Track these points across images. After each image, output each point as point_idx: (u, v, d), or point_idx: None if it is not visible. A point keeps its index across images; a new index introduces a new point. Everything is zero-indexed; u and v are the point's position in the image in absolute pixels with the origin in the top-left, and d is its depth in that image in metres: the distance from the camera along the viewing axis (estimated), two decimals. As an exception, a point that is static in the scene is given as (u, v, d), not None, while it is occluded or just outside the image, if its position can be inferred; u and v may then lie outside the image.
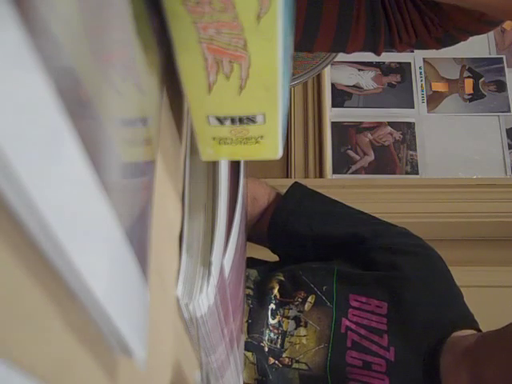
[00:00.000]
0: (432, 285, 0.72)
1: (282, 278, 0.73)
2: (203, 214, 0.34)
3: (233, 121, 0.27)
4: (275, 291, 0.72)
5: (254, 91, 0.25)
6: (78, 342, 0.17)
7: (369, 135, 1.82)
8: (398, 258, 0.73)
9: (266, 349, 0.68)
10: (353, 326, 0.68)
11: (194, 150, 0.35)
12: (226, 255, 0.36)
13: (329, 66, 1.56)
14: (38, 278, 0.14)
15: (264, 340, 0.68)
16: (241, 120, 0.27)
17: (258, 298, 0.72)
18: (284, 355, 0.67)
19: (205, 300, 0.31)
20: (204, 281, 0.31)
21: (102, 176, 0.16)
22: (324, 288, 0.71)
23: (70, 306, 0.16)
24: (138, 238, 0.21)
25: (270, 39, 0.23)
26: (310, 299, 0.70)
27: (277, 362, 0.67)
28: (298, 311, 0.70)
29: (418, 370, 0.65)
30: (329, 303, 0.70)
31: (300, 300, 0.71)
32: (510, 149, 1.82)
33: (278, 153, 0.30)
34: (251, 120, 0.27)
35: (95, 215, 0.16)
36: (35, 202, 0.12)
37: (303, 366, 0.66)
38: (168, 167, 0.30)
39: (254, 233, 0.82)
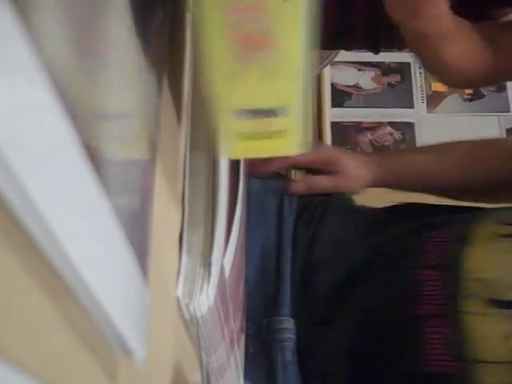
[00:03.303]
0: None
1: None
2: (203, 214, 0.33)
3: (257, 114, 0.26)
4: None
5: (279, 82, 0.24)
6: (78, 342, 0.17)
7: (369, 135, 1.82)
8: None
9: None
10: None
11: (194, 149, 0.35)
12: (226, 255, 0.36)
13: (328, 66, 1.56)
14: (38, 277, 0.14)
15: None
16: (265, 113, 0.26)
17: None
18: None
19: (205, 300, 0.31)
20: (204, 281, 0.31)
21: (101, 176, 0.16)
22: None
23: (69, 306, 0.16)
24: (138, 237, 0.21)
25: (294, 25, 0.22)
26: None
27: None
28: None
29: None
30: None
31: None
32: (509, 149, 1.82)
33: (301, 147, 0.29)
34: (274, 113, 0.26)
35: (95, 215, 0.16)
36: (35, 202, 0.12)
37: None
38: (168, 167, 0.30)
39: None
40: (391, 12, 0.59)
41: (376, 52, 0.78)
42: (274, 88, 0.25)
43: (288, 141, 0.28)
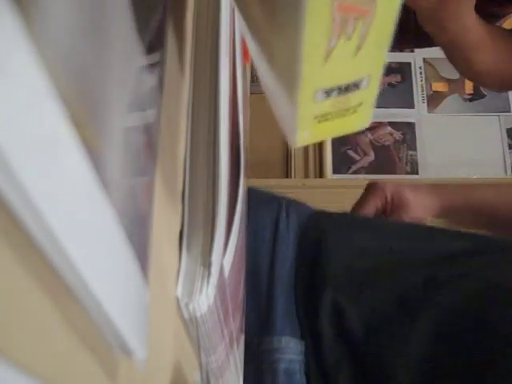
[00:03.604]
0: None
1: None
2: (203, 213, 0.34)
3: (339, 91, 0.23)
4: None
5: (369, 50, 0.22)
6: (77, 342, 0.17)
7: (369, 135, 1.82)
8: None
9: None
10: None
11: (193, 149, 0.35)
12: (225, 255, 0.36)
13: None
14: (38, 277, 0.14)
15: None
16: (347, 88, 0.24)
17: None
18: None
19: (205, 300, 0.31)
20: (204, 281, 0.31)
21: (101, 175, 0.16)
22: None
23: (70, 306, 0.16)
24: (138, 237, 0.21)
25: None
26: None
27: None
28: None
29: None
30: None
31: None
32: (510, 149, 1.82)
33: (370, 119, 0.26)
34: (356, 86, 0.24)
35: (95, 215, 0.16)
36: (34, 202, 0.12)
37: None
38: (168, 167, 0.30)
39: None
40: (422, 25, 0.60)
41: None
42: (364, 58, 0.23)
43: (360, 115, 0.26)
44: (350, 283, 0.65)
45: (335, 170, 1.74)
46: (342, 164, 1.76)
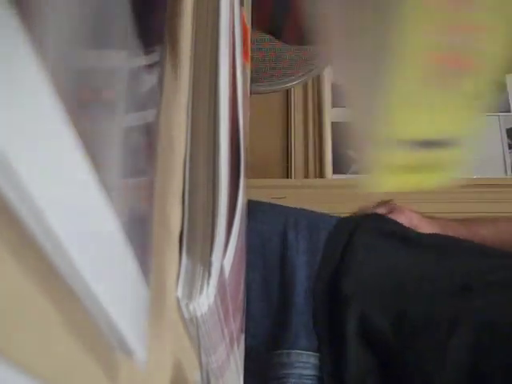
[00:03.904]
0: None
1: None
2: (203, 214, 0.33)
3: (422, 145, 0.22)
4: None
5: (464, 107, 0.21)
6: (78, 342, 0.17)
7: (369, 135, 1.81)
8: None
9: None
10: None
11: (193, 149, 0.35)
12: (226, 255, 0.36)
13: (329, 66, 1.56)
14: (39, 278, 0.14)
15: None
16: (432, 143, 0.22)
17: None
18: None
19: (205, 300, 0.31)
20: (204, 281, 0.31)
21: (102, 175, 0.16)
22: None
23: (70, 306, 0.16)
24: (139, 237, 0.21)
25: (504, 45, 0.19)
26: None
27: None
28: None
29: None
30: None
31: None
32: (510, 149, 1.82)
33: (450, 181, 0.25)
34: (445, 144, 0.22)
35: (95, 215, 0.16)
36: (35, 202, 0.12)
37: None
38: (168, 167, 0.30)
39: None
40: None
41: None
42: (455, 117, 0.21)
43: (444, 174, 0.24)
44: (380, 296, 0.63)
45: (335, 170, 1.74)
46: (342, 164, 1.76)
